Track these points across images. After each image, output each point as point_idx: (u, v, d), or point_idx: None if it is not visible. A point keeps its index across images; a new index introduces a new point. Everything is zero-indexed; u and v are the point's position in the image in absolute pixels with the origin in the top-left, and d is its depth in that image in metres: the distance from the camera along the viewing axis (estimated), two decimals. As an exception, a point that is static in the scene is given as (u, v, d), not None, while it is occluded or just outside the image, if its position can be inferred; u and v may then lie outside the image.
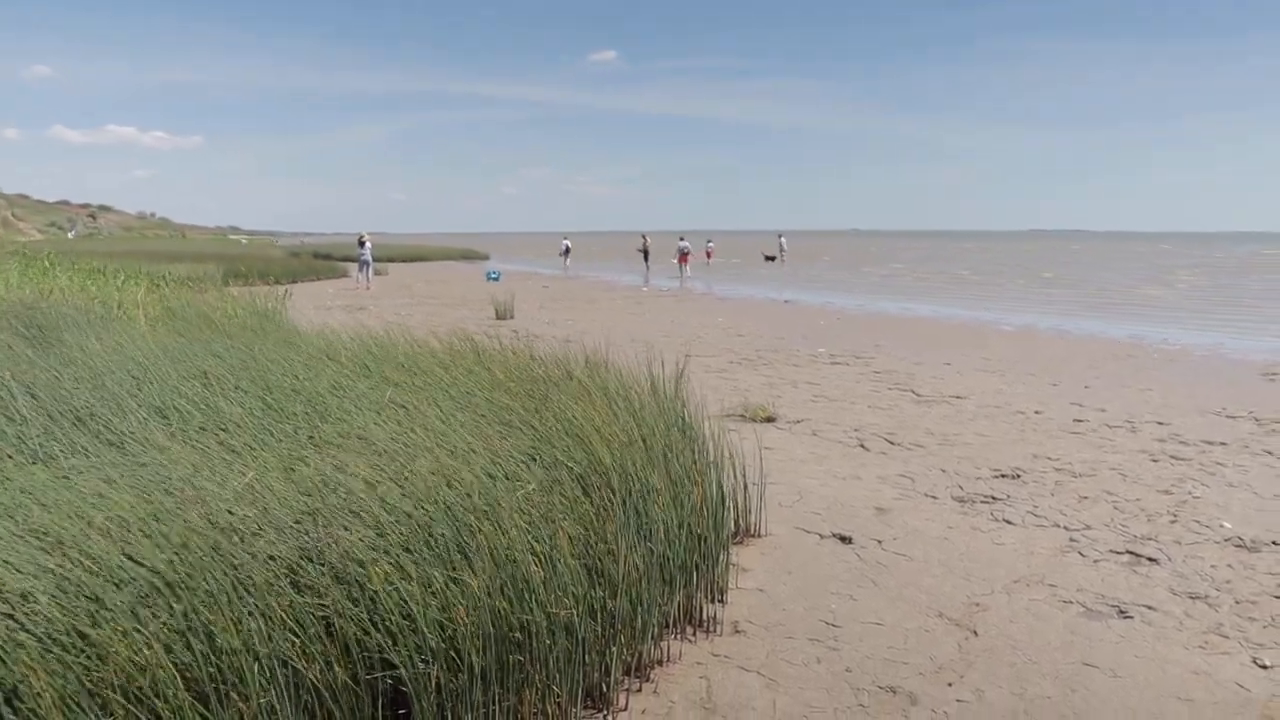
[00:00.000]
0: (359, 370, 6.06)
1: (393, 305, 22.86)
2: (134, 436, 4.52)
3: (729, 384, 11.14)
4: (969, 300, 27.58)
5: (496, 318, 18.79)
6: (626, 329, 16.80)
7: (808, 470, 7.20)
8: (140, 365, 6.03)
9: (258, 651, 2.75)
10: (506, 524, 3.37)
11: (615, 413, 4.90)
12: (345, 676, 2.93)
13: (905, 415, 9.39)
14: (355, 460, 3.89)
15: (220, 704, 2.68)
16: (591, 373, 6.04)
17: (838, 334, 17.25)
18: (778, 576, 4.99)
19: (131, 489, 3.47)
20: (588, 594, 3.48)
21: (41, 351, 6.70)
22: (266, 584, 2.90)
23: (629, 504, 3.93)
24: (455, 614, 3.08)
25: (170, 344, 7.36)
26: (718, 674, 3.90)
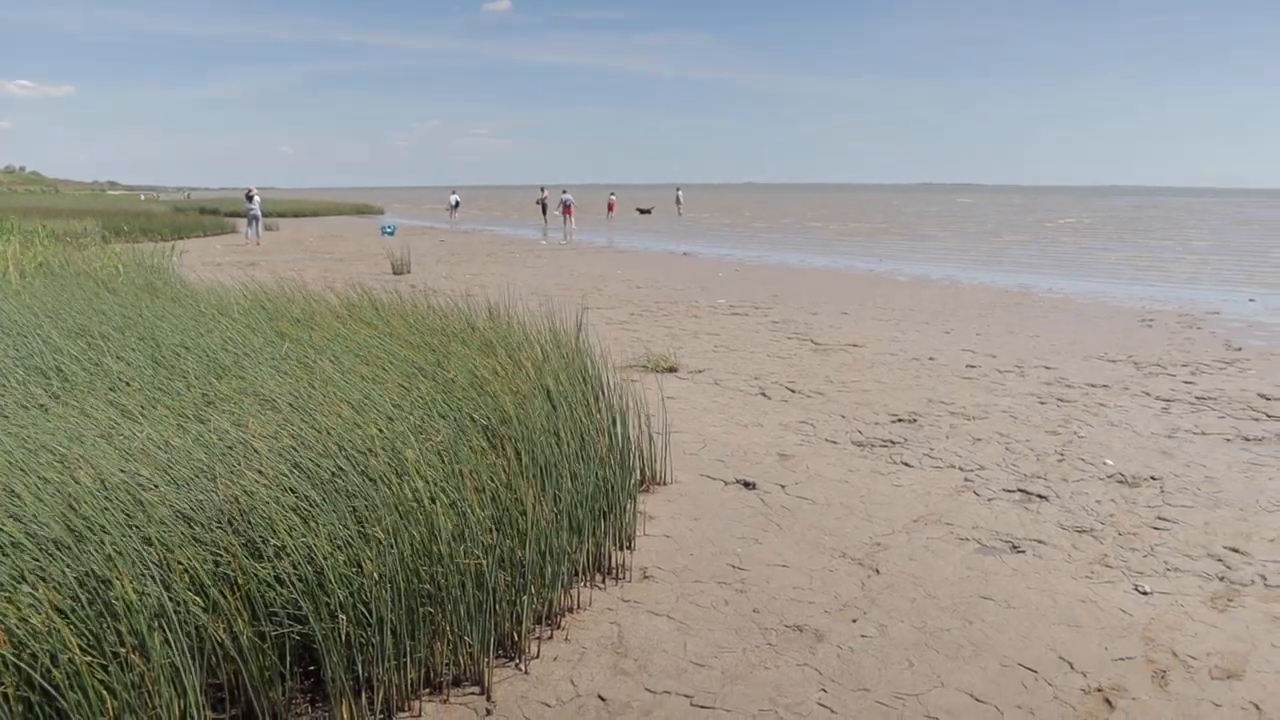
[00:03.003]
0: (253, 326, 5.88)
1: (285, 261, 22.24)
2: (11, 396, 4.32)
3: (631, 335, 11.16)
4: (863, 252, 28.07)
5: (394, 273, 18.45)
6: (527, 282, 16.66)
7: (711, 419, 7.27)
8: (14, 323, 5.76)
9: (157, 610, 2.67)
10: (412, 476, 3.33)
11: (519, 364, 4.87)
12: (251, 633, 2.87)
13: (804, 364, 9.54)
14: (253, 416, 3.79)
15: (121, 667, 2.60)
16: (493, 325, 5.98)
17: (737, 285, 17.40)
18: (684, 523, 5.05)
19: (11, 451, 3.31)
20: (497, 544, 3.46)
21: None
22: (164, 542, 2.81)
23: (535, 454, 3.91)
24: (364, 567, 3.04)
25: (47, 301, 7.05)
26: (628, 619, 3.94)
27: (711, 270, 21.01)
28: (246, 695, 2.95)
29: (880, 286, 17.68)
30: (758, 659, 3.63)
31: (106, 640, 2.61)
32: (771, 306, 14.11)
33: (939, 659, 3.63)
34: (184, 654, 2.70)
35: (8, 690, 2.45)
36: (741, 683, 3.45)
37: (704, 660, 3.61)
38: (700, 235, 36.81)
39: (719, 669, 3.55)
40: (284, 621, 2.95)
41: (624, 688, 3.42)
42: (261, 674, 2.94)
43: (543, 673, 3.51)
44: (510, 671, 3.50)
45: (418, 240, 29.77)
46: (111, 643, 2.62)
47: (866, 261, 24.09)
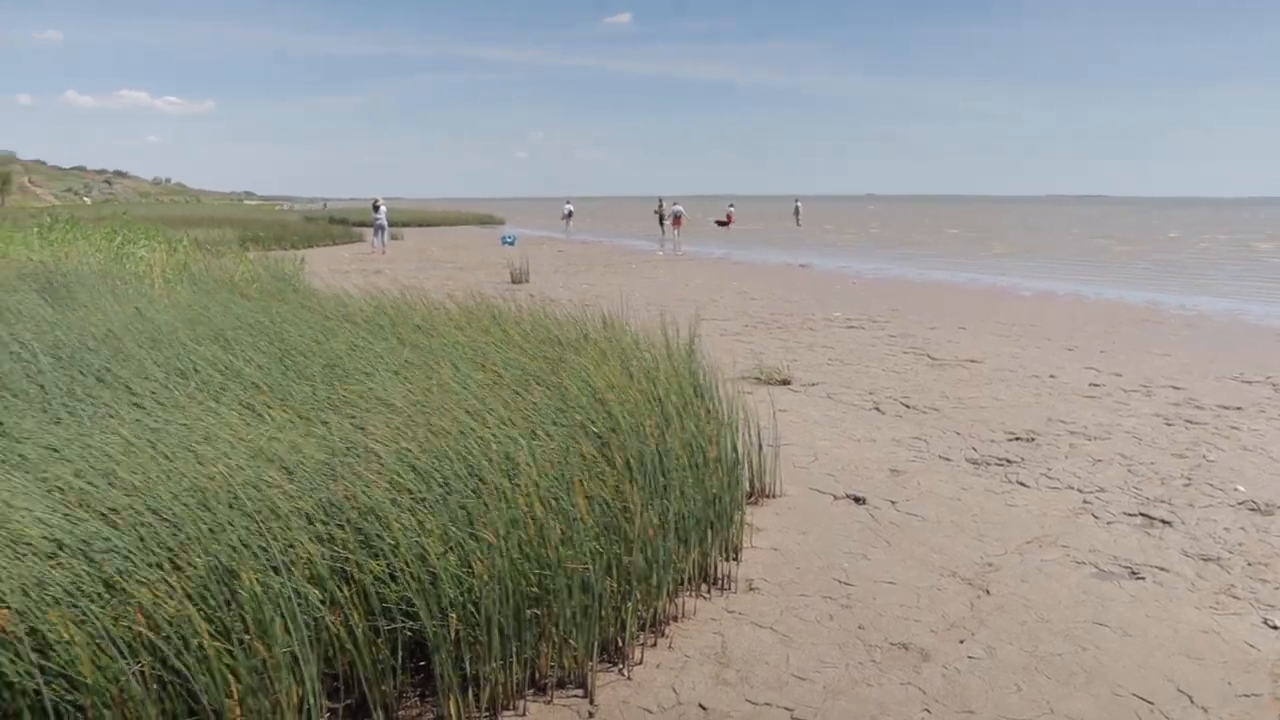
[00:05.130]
0: (375, 332, 6.09)
1: (409, 269, 22.89)
2: (155, 396, 4.57)
3: (744, 347, 11.16)
4: (984, 265, 27.43)
5: (512, 282, 18.81)
6: (642, 293, 16.80)
7: (822, 432, 7.22)
8: (158, 327, 6.08)
9: (280, 601, 2.81)
10: (524, 481, 3.42)
11: (632, 374, 4.94)
12: (366, 627, 2.99)
13: (920, 379, 9.39)
14: (374, 419, 3.95)
15: (245, 653, 2.75)
16: (608, 335, 6.07)
17: (853, 298, 17.22)
18: (792, 536, 5.04)
19: (153, 447, 3.52)
20: (604, 551, 3.53)
21: (61, 313, 6.75)
22: (288, 537, 2.95)
23: (645, 463, 3.97)
24: (475, 568, 3.14)
25: (188, 306, 7.41)
26: (732, 630, 3.95)
27: (828, 283, 20.84)
28: (360, 686, 3.07)
29: (1001, 301, 17.27)
30: (860, 675, 3.61)
31: (232, 627, 2.76)
32: (888, 320, 13.92)
33: (1049, 684, 3.55)
34: (303, 643, 2.83)
35: (144, 669, 2.61)
36: (843, 698, 3.44)
37: (806, 674, 3.61)
38: (818, 247, 36.50)
39: (821, 684, 3.54)
40: (396, 617, 3.07)
41: (725, 698, 3.44)
42: (375, 666, 3.06)
43: (645, 678, 3.56)
44: (613, 676, 3.56)
45: (536, 250, 30.24)
46: (237, 630, 2.77)
47: (987, 275, 23.54)
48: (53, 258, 10.62)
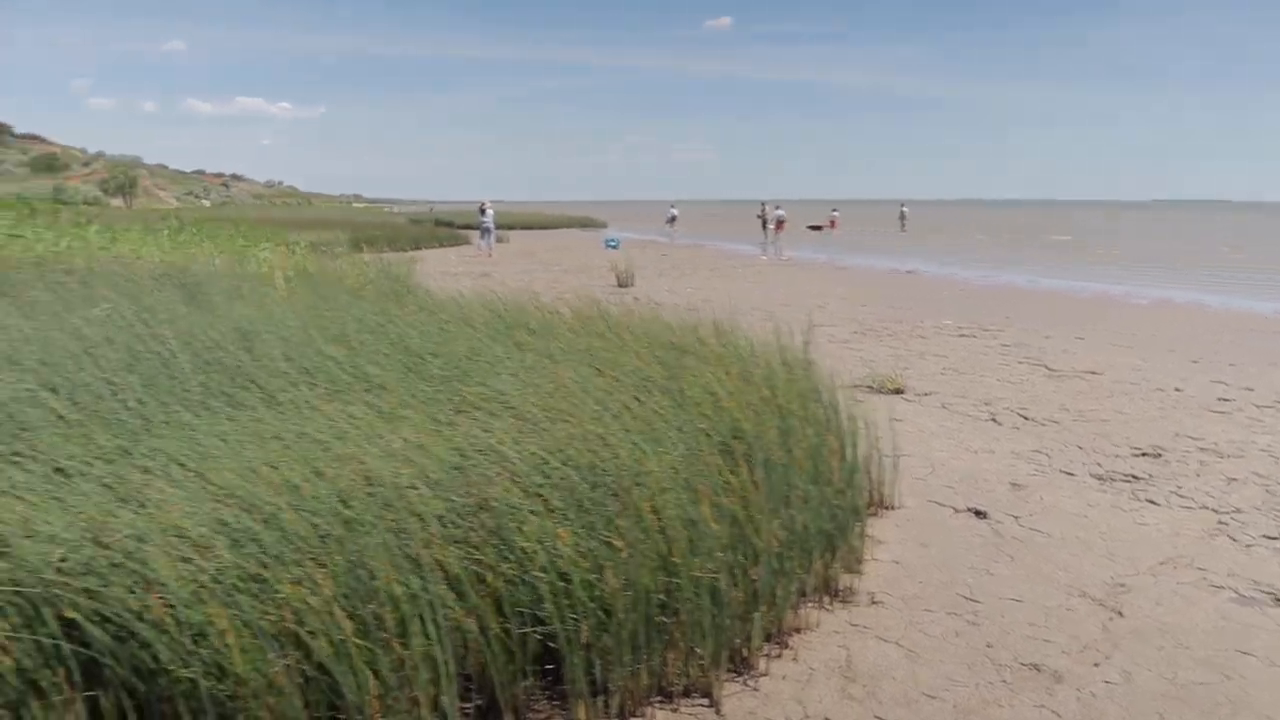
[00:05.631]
0: (492, 335, 6.17)
1: (515, 272, 23.20)
2: (286, 396, 4.69)
3: (854, 354, 11.02)
4: (1097, 272, 26.59)
5: (618, 285, 18.90)
6: (748, 298, 16.73)
7: (939, 443, 7.08)
8: (287, 327, 6.24)
9: (418, 601, 2.86)
10: (650, 487, 3.42)
11: (749, 380, 4.91)
12: (499, 629, 3.03)
13: (1038, 390, 9.14)
14: (499, 422, 4.00)
15: (384, 651, 2.80)
16: (721, 340, 6.05)
17: (963, 305, 16.87)
18: (913, 549, 4.95)
19: (290, 446, 3.62)
20: (730, 560, 3.51)
21: (195, 312, 6.99)
22: (424, 538, 3.00)
23: (770, 472, 3.93)
24: (604, 574, 3.15)
25: (311, 307, 7.60)
26: (857, 643, 3.90)
27: (936, 289, 20.46)
28: (491, 688, 3.11)
29: (1117, 309, 16.72)
30: (991, 696, 3.52)
31: (372, 625, 2.82)
32: (1001, 329, 13.59)
33: (1192, 715, 3.41)
34: (440, 644, 2.88)
35: (290, 663, 2.69)
36: (974, 719, 3.36)
37: (935, 692, 3.53)
38: (923, 253, 35.83)
39: (951, 702, 3.47)
40: (528, 621, 3.10)
41: (852, 713, 3.39)
42: (506, 669, 3.09)
43: (771, 690, 3.53)
44: (739, 687, 3.54)
45: (639, 254, 30.34)
46: (375, 628, 2.83)
47: (1100, 282, 22.79)
48: (182, 259, 11.05)
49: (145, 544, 2.79)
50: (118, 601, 2.68)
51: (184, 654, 2.66)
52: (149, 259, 10.93)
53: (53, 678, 2.70)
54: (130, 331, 5.49)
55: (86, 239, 12.72)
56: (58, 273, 9.02)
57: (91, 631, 2.70)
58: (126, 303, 6.52)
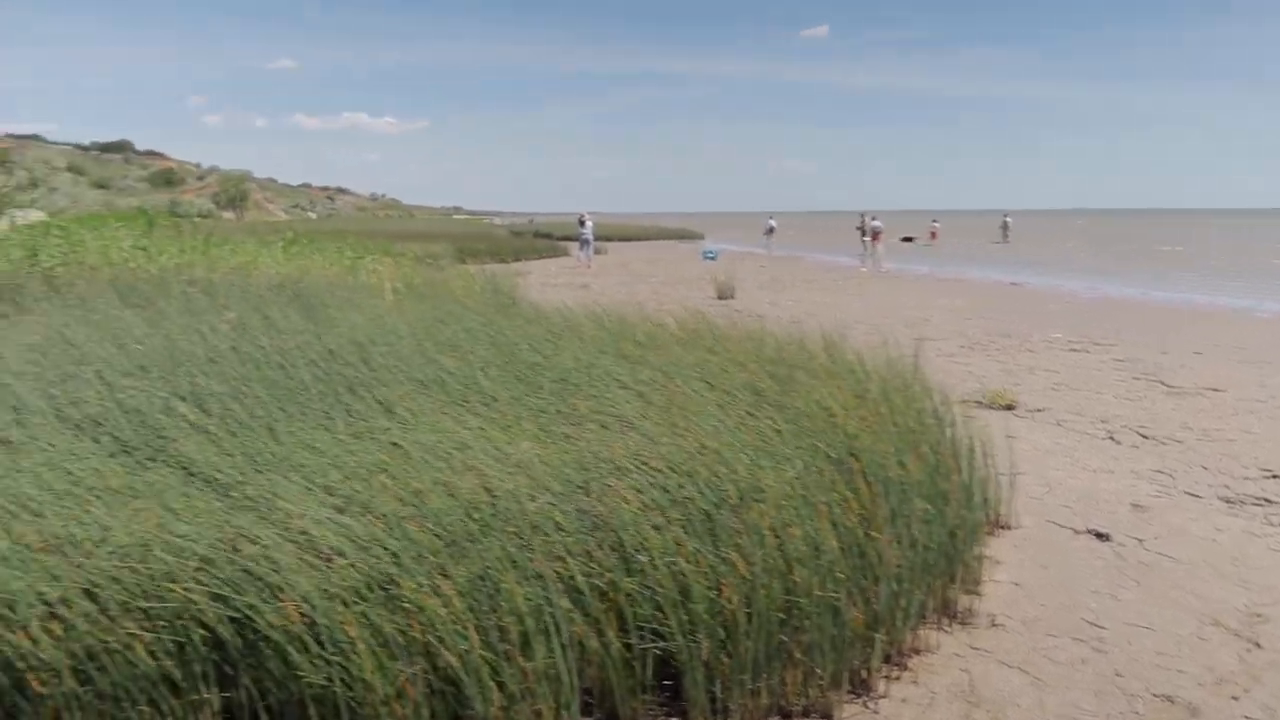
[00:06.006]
0: (600, 346, 6.18)
1: (614, 283, 23.33)
2: (402, 406, 4.76)
3: (962, 369, 10.79)
4: (1212, 284, 25.59)
5: (718, 297, 18.85)
6: (850, 310, 16.53)
7: (1054, 461, 6.88)
8: (400, 337, 6.35)
9: (542, 613, 2.88)
10: (769, 503, 3.39)
11: (862, 396, 4.84)
12: (619, 644, 3.02)
13: (1156, 407, 8.82)
14: (613, 435, 4.00)
15: (507, 663, 2.82)
16: (829, 354, 5.98)
17: (1072, 318, 16.40)
18: (1032, 571, 4.80)
19: (411, 456, 3.68)
20: (850, 578, 3.45)
21: (311, 322, 7.16)
22: (547, 550, 3.02)
23: (888, 489, 3.86)
24: (724, 590, 3.12)
25: (420, 318, 7.73)
26: (978, 667, 3.79)
27: (1042, 301, 19.94)
28: (611, 701, 3.10)
29: (1236, 323, 16.06)
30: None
31: (496, 637, 2.84)
32: (1113, 343, 13.16)
33: (1343, 753, 3.24)
34: (562, 656, 2.89)
35: (418, 672, 2.73)
36: (1107, 750, 3.24)
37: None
38: (1028, 264, 34.98)
39: (1081, 732, 3.35)
40: (647, 636, 3.09)
41: (977, 740, 3.31)
42: (626, 684, 3.09)
43: (891, 713, 3.45)
44: (858, 709, 3.47)
45: (738, 265, 30.20)
46: (498, 640, 2.85)
47: (1215, 295, 21.95)
48: (295, 270, 11.37)
49: (277, 551, 2.86)
50: (251, 607, 2.76)
51: (315, 660, 2.71)
52: (264, 270, 11.27)
53: (189, 678, 2.79)
54: (253, 341, 5.65)
55: (205, 251, 13.18)
56: (180, 283, 9.37)
57: (226, 635, 2.78)
58: (248, 313, 6.73)
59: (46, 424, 4.16)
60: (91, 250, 12.33)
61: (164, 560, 2.83)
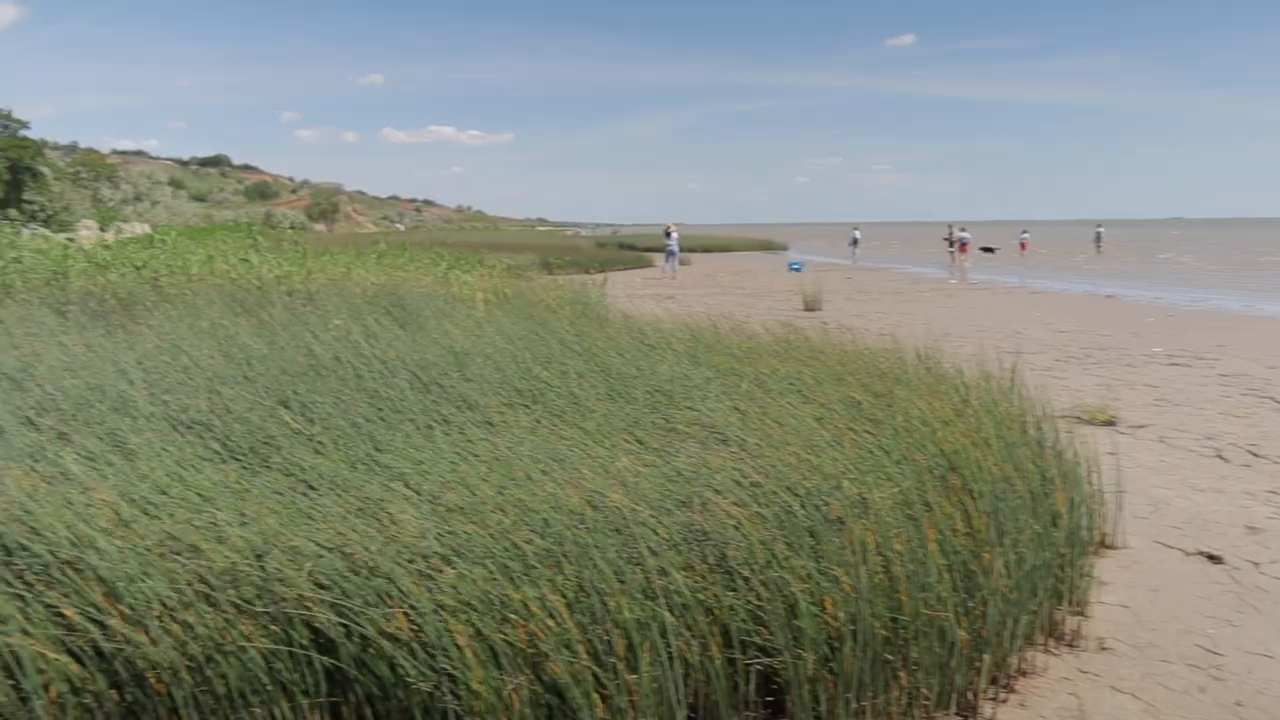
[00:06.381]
0: (693, 358, 6.17)
1: (700, 295, 23.32)
2: (500, 417, 4.80)
3: (1058, 383, 10.52)
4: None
5: (805, 309, 18.70)
6: (940, 323, 16.26)
7: (1159, 480, 6.66)
8: (495, 348, 6.40)
9: (649, 626, 2.87)
10: (873, 519, 3.34)
11: (961, 410, 4.75)
12: (723, 658, 3.00)
13: (1268, 425, 8.49)
14: (713, 448, 3.99)
15: (612, 675, 2.82)
16: (924, 366, 5.89)
17: (1171, 332, 15.90)
18: (1141, 593, 4.65)
19: (514, 467, 3.70)
20: (955, 597, 3.38)
21: (407, 332, 7.28)
22: (655, 563, 3.01)
23: (993, 507, 3.78)
24: (827, 606, 3.08)
25: (510, 327, 7.78)
26: (1088, 692, 3.68)
27: (1139, 314, 19.36)
28: (714, 716, 3.08)
29: (1354, 339, 15.40)
30: (1246, 759, 3.26)
31: (602, 649, 2.84)
32: (1217, 357, 12.72)
33: None
34: (668, 669, 2.87)
35: (521, 684, 2.74)
36: (1229, 782, 3.12)
37: (1181, 751, 3.30)
38: (1123, 275, 34.05)
39: (1200, 763, 3.23)
40: (751, 651, 3.06)
41: (1090, 767, 3.20)
42: (729, 699, 3.06)
43: (998, 737, 3.37)
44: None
45: (823, 277, 29.87)
46: (603, 652, 2.85)
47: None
48: (389, 281, 11.59)
49: (387, 558, 2.90)
50: (362, 614, 2.80)
51: (423, 667, 2.74)
52: (359, 280, 11.50)
53: (300, 682, 2.84)
54: (355, 351, 5.76)
55: (304, 262, 13.51)
56: (281, 293, 9.61)
57: (337, 641, 2.82)
58: (349, 323, 6.87)
59: (161, 430, 4.29)
60: (197, 261, 12.72)
61: (278, 564, 2.89)
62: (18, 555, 3.02)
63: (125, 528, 3.11)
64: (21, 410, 4.44)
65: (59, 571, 2.96)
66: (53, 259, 11.82)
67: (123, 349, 5.85)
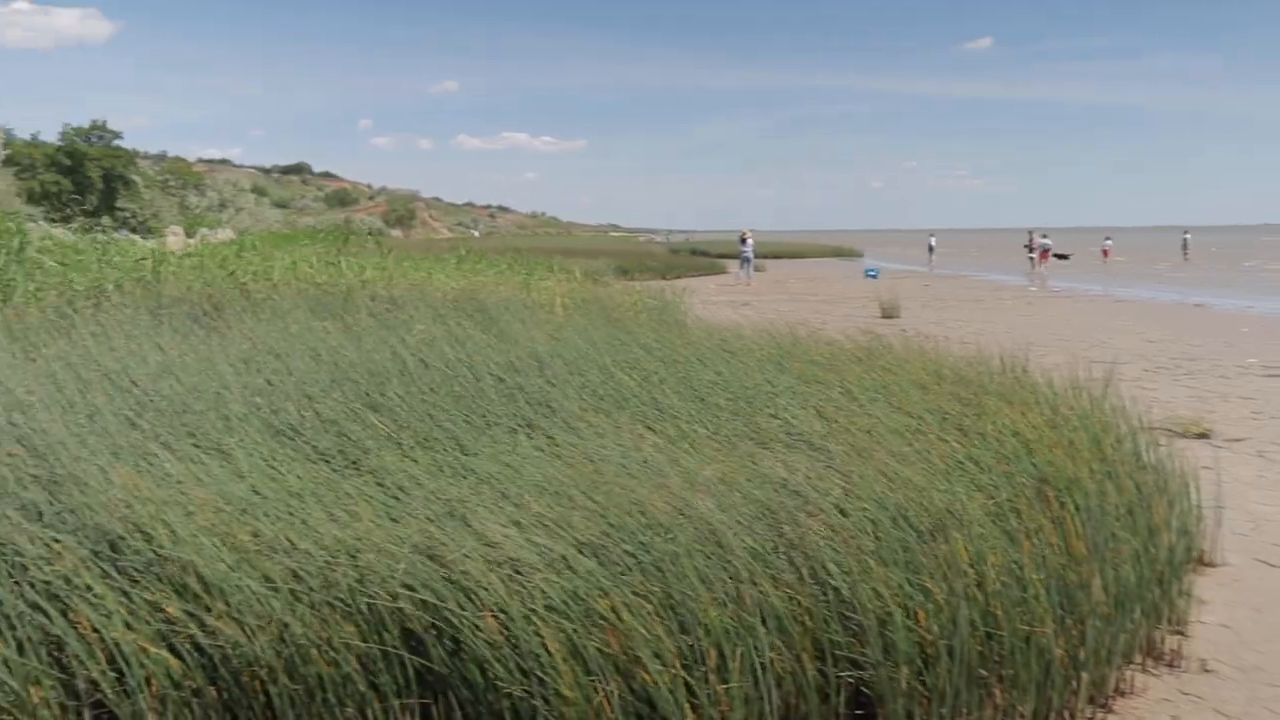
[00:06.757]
0: (776, 365, 6.11)
1: (774, 301, 23.20)
2: (584, 421, 4.79)
3: (1148, 394, 10.21)
4: None
5: (883, 316, 18.49)
6: (1022, 331, 15.94)
7: (1258, 495, 6.44)
8: (577, 352, 6.40)
9: (738, 636, 2.84)
10: (969, 532, 3.27)
11: (1054, 422, 4.63)
12: (814, 671, 2.95)
13: (1374, 439, 8.16)
14: (798, 456, 3.94)
15: (703, 684, 2.79)
16: (1015, 376, 5.76)
17: (1267, 342, 15.38)
18: (1243, 612, 4.49)
19: (600, 472, 3.69)
20: (1051, 613, 3.29)
21: (488, 337, 7.31)
22: (748, 571, 2.98)
23: (1091, 521, 3.67)
24: (920, 619, 3.02)
25: (594, 333, 7.77)
26: (1191, 715, 3.55)
27: (1231, 324, 18.77)
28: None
29: None
30: (1362, 790, 3.12)
31: (691, 658, 2.82)
32: (1318, 370, 12.27)
33: None
34: (761, 681, 2.84)
35: (611, 691, 2.73)
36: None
37: (1292, 779, 3.17)
38: (1209, 283, 33.01)
39: (1312, 793, 3.10)
40: (842, 663, 3.01)
41: (1194, 793, 3.09)
42: (819, 711, 3.01)
43: (1097, 758, 3.28)
44: (1061, 751, 3.30)
45: (900, 284, 29.50)
46: (693, 661, 2.83)
47: None
48: (469, 286, 11.72)
49: (476, 562, 2.92)
50: (454, 616, 2.81)
51: (513, 672, 2.75)
52: (440, 286, 11.65)
53: (392, 683, 2.87)
54: (439, 355, 5.82)
55: (386, 267, 13.73)
56: (365, 298, 9.77)
57: (428, 643, 2.84)
58: (433, 328, 6.94)
59: (254, 432, 4.37)
60: (282, 266, 13.01)
61: (372, 565, 2.92)
62: (123, 551, 3.10)
63: (223, 526, 3.17)
64: (123, 410, 4.55)
65: (161, 568, 3.04)
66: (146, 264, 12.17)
67: (216, 352, 5.97)
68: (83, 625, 2.90)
